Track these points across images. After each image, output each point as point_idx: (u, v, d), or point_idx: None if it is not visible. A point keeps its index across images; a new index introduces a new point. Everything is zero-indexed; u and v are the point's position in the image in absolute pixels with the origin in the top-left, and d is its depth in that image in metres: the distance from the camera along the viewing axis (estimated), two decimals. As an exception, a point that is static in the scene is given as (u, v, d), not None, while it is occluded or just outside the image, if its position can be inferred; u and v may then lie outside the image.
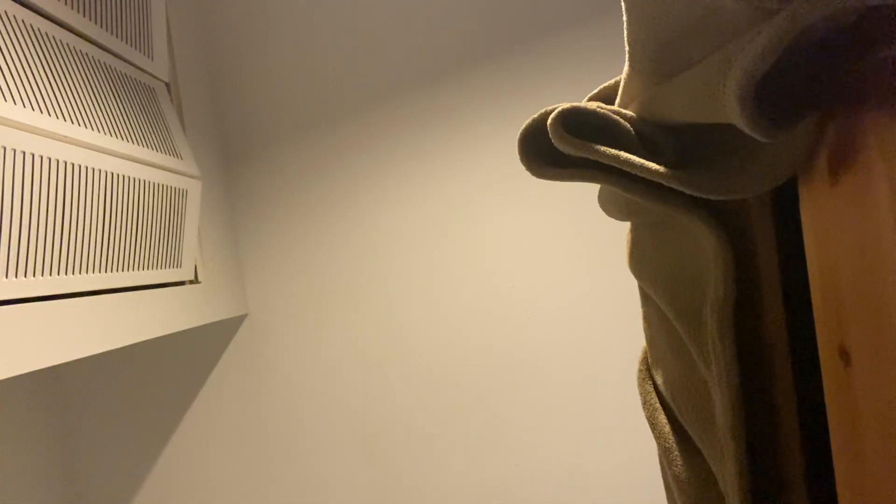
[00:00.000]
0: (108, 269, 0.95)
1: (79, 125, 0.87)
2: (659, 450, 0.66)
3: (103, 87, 0.98)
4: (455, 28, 1.46)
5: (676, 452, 0.61)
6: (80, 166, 0.86)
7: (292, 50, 1.50)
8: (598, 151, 0.50)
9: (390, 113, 1.48)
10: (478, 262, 1.46)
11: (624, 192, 0.52)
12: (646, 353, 0.73)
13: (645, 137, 0.53)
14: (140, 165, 1.01)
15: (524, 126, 0.56)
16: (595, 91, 0.68)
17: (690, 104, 0.45)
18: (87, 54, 0.96)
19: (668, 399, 0.63)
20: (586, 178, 0.54)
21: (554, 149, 0.53)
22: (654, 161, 0.49)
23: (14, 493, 1.33)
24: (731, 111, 0.38)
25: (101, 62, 0.99)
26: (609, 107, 0.55)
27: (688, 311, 0.54)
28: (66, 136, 0.83)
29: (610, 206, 0.69)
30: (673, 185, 0.47)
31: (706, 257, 0.50)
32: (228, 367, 1.53)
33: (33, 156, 0.77)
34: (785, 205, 0.47)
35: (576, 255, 1.43)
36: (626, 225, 0.73)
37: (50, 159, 0.80)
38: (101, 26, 1.00)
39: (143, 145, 1.03)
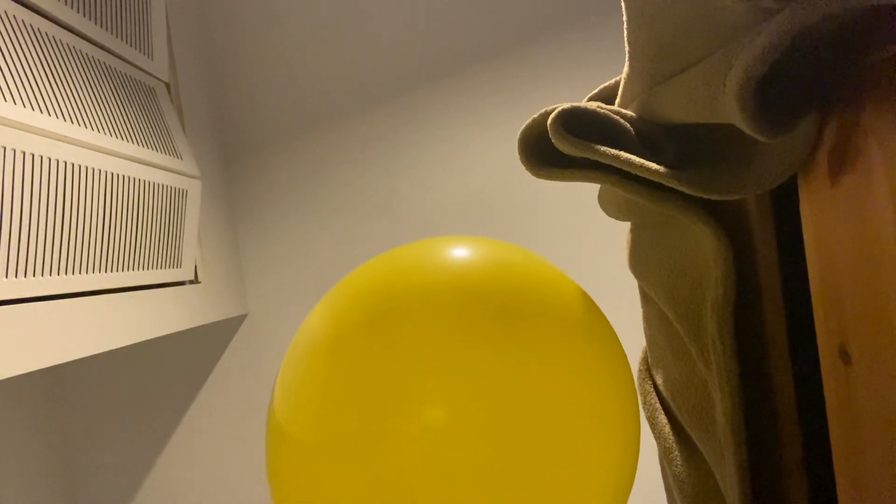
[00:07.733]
0: (108, 269, 0.95)
1: (79, 125, 0.87)
2: (659, 450, 0.66)
3: (103, 87, 0.98)
4: (455, 28, 1.46)
5: (676, 452, 0.61)
6: (80, 166, 0.86)
7: (292, 49, 1.50)
8: (598, 151, 0.50)
9: (390, 113, 1.48)
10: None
11: (624, 192, 0.52)
12: (646, 353, 0.73)
13: (645, 137, 0.53)
14: (140, 165, 1.01)
15: (524, 126, 0.56)
16: (595, 91, 0.68)
17: (690, 104, 0.45)
18: (87, 54, 0.96)
19: (668, 399, 0.63)
20: (586, 178, 0.54)
21: (554, 149, 0.53)
22: (653, 161, 0.49)
23: (14, 493, 1.33)
24: (732, 111, 0.38)
25: (101, 62, 0.99)
26: (609, 107, 0.55)
27: (688, 312, 0.54)
28: (66, 136, 0.83)
29: (610, 206, 0.69)
30: (673, 185, 0.47)
31: (706, 257, 0.50)
32: (228, 367, 1.53)
33: (33, 156, 0.77)
34: (785, 205, 0.47)
35: (575, 254, 1.43)
36: (626, 225, 0.73)
37: (50, 159, 0.80)
38: (101, 26, 1.00)
39: (143, 145, 1.03)
